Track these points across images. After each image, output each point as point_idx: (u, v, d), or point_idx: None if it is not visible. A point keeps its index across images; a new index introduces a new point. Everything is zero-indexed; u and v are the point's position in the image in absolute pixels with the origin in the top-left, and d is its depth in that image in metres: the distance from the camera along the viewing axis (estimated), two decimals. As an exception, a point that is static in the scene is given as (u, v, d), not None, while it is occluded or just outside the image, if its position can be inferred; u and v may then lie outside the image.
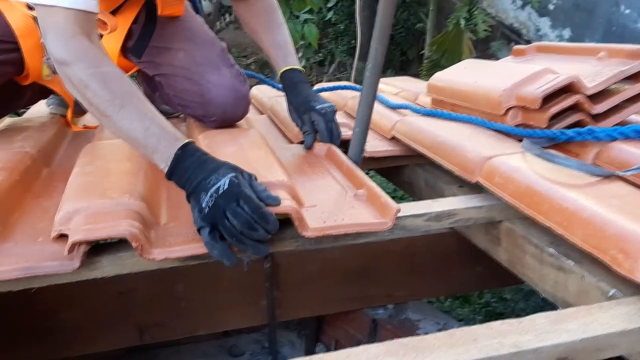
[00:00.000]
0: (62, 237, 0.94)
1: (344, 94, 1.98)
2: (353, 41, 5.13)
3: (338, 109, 1.51)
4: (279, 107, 1.77)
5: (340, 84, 2.11)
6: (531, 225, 1.07)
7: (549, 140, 1.20)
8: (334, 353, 0.70)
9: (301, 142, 1.45)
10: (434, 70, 1.72)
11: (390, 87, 2.10)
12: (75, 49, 1.04)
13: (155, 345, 1.88)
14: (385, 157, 1.50)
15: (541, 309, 0.80)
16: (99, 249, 0.96)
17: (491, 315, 2.26)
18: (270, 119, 1.86)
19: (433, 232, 1.54)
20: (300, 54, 4.99)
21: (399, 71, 5.17)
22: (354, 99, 1.77)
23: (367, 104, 1.25)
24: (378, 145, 1.51)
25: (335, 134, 1.39)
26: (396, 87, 2.08)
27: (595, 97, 1.24)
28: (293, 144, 1.53)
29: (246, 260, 1.49)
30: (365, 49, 1.35)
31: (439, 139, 1.33)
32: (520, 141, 1.22)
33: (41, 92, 1.67)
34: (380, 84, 1.26)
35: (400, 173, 1.60)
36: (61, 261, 0.91)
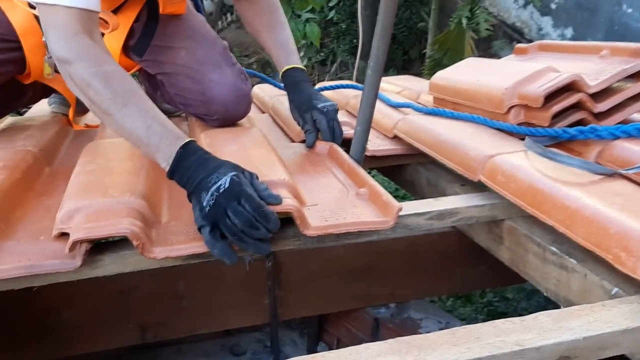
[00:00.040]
0: (64, 236, 0.94)
1: (346, 92, 1.98)
2: (355, 40, 5.12)
3: (340, 108, 1.51)
4: (280, 106, 1.76)
5: (342, 82, 2.11)
6: (534, 223, 1.07)
7: (551, 139, 1.20)
8: (337, 351, 0.70)
9: (303, 141, 1.45)
10: (436, 70, 1.72)
11: (392, 86, 2.09)
12: (77, 48, 1.04)
13: (157, 344, 1.88)
14: (387, 156, 1.49)
15: (543, 309, 0.80)
16: (101, 247, 0.96)
17: (493, 315, 2.26)
18: (272, 118, 1.86)
19: (435, 231, 1.54)
20: (301, 54, 4.99)
21: (401, 70, 5.17)
22: (355, 98, 1.77)
23: (369, 103, 1.24)
24: (380, 144, 1.51)
25: (337, 132, 1.39)
26: (398, 86, 2.08)
27: (597, 96, 1.23)
28: (295, 142, 1.53)
29: (248, 259, 1.49)
30: (367, 48, 1.34)
31: (441, 137, 1.33)
32: (523, 140, 1.22)
33: (43, 91, 1.67)
34: (382, 83, 1.25)
35: (402, 172, 1.59)
36: (63, 259, 0.91)
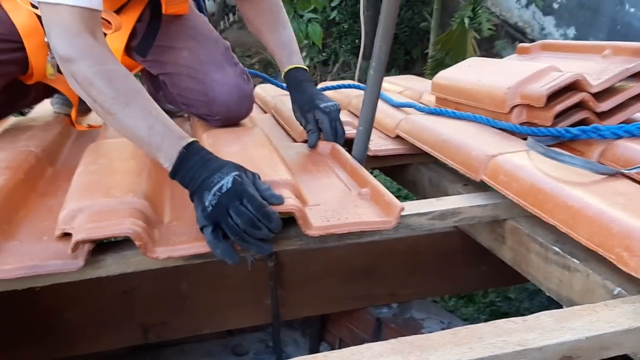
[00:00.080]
0: (66, 236, 0.94)
1: (348, 92, 1.98)
2: (357, 40, 5.12)
3: (342, 108, 1.50)
4: (282, 106, 1.76)
5: (344, 82, 2.11)
6: (536, 223, 1.07)
7: (553, 139, 1.20)
8: (339, 351, 0.70)
9: (305, 141, 1.45)
10: (438, 70, 1.72)
11: (394, 86, 2.09)
12: (79, 46, 1.04)
13: (160, 345, 1.88)
14: (389, 156, 1.49)
15: (546, 309, 0.79)
16: (103, 247, 0.96)
17: (496, 315, 2.26)
18: (274, 118, 1.86)
19: (437, 231, 1.54)
20: (304, 54, 4.99)
21: (403, 70, 5.17)
22: (358, 98, 1.77)
23: (371, 102, 1.24)
24: (382, 144, 1.51)
25: (339, 132, 1.39)
26: (400, 86, 2.08)
27: (600, 95, 1.23)
28: (297, 142, 1.53)
29: (250, 259, 1.49)
30: (369, 49, 1.34)
31: (443, 137, 1.33)
32: (525, 139, 1.22)
33: (45, 92, 1.68)
34: (384, 83, 1.26)
35: (404, 172, 1.59)
36: (65, 260, 0.91)
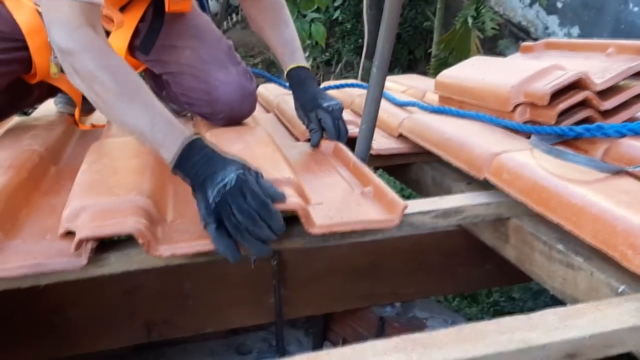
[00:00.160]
0: (70, 234, 0.94)
1: (351, 92, 1.98)
2: (360, 40, 5.12)
3: (345, 107, 1.50)
4: (285, 106, 1.76)
5: (347, 81, 2.11)
6: (540, 221, 1.07)
7: (557, 137, 1.20)
8: (341, 349, 0.70)
9: (308, 140, 1.45)
10: (441, 69, 1.71)
11: (398, 85, 2.09)
12: (81, 39, 1.03)
13: (163, 343, 1.88)
14: (392, 155, 1.49)
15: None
16: (106, 246, 0.96)
17: (499, 315, 2.23)
18: (277, 117, 1.86)
19: (440, 230, 1.53)
20: (307, 53, 5.00)
21: (406, 70, 5.16)
22: (360, 97, 1.77)
23: (374, 101, 1.24)
24: (385, 143, 1.51)
25: (342, 131, 1.39)
26: (403, 85, 2.08)
27: (603, 94, 1.23)
28: (300, 141, 1.53)
29: (253, 258, 1.49)
30: (372, 48, 1.34)
31: (446, 136, 1.33)
32: (529, 138, 1.22)
33: (49, 91, 1.68)
34: (387, 82, 1.26)
35: (408, 171, 1.59)
36: (69, 258, 0.91)
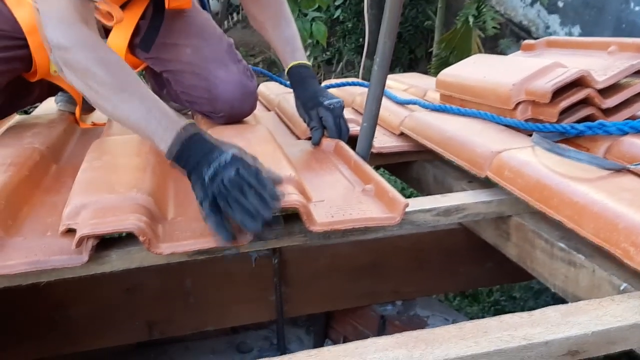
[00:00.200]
0: (71, 232, 0.94)
1: (352, 90, 1.97)
2: (361, 39, 5.11)
3: (346, 105, 1.50)
4: (286, 104, 1.76)
5: (348, 80, 2.11)
6: (541, 219, 1.07)
7: (559, 135, 1.19)
8: (343, 345, 0.70)
9: (309, 138, 1.44)
10: (442, 68, 1.71)
11: (399, 84, 2.09)
12: (75, 35, 1.05)
13: (164, 341, 1.88)
14: (393, 153, 1.49)
15: (551, 308, 0.79)
16: (107, 243, 0.96)
17: (500, 314, 2.25)
18: (278, 116, 1.86)
19: (441, 228, 1.53)
20: (307, 53, 4.99)
21: (407, 69, 5.15)
22: (362, 96, 1.76)
23: (375, 99, 1.24)
24: (386, 141, 1.50)
25: (343, 130, 1.38)
26: (404, 84, 2.07)
27: (605, 91, 1.22)
28: (301, 140, 1.53)
29: (254, 256, 1.49)
30: (373, 47, 1.34)
31: (447, 134, 1.33)
32: (530, 136, 1.21)
33: (50, 89, 1.68)
34: (388, 81, 1.25)
35: (409, 169, 1.59)
36: (70, 255, 0.91)
